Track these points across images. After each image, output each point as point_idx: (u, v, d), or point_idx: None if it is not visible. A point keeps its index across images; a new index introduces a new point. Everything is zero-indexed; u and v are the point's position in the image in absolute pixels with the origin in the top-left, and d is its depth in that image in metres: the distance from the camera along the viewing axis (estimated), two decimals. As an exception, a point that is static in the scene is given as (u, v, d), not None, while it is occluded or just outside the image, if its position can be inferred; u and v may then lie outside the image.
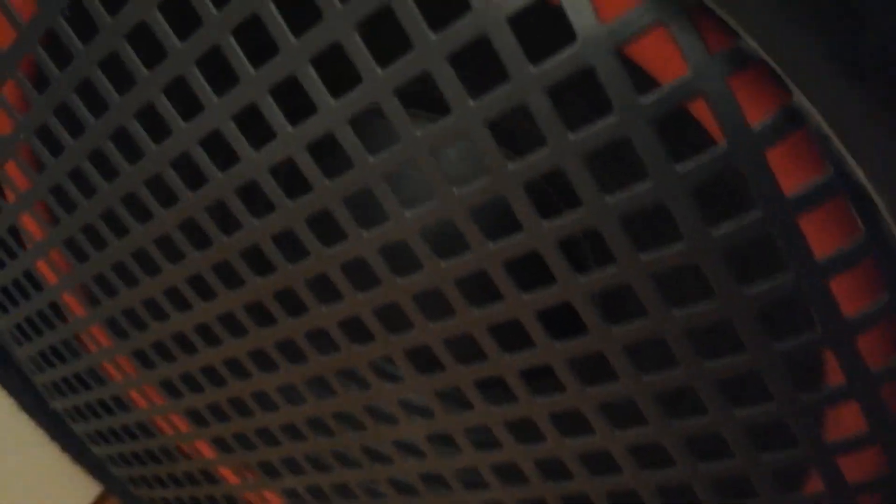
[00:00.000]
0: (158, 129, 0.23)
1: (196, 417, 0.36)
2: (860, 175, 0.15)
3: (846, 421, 0.20)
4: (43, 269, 0.34)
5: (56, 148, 0.27)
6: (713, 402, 0.20)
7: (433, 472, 0.28)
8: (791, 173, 0.16)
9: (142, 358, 0.35)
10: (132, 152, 0.24)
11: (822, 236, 0.17)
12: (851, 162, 0.15)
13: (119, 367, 0.37)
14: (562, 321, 0.21)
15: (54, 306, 0.36)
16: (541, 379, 0.23)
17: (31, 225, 0.33)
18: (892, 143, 0.14)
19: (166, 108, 0.22)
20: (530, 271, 0.20)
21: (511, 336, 0.21)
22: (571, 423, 0.23)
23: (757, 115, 0.15)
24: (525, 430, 0.24)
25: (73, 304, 0.35)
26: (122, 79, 0.22)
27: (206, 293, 0.27)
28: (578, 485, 0.24)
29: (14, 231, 0.34)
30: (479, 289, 0.21)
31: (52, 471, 0.54)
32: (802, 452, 0.20)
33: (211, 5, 0.19)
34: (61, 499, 0.57)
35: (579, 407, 0.22)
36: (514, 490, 0.26)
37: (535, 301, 0.20)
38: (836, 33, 0.13)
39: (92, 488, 0.60)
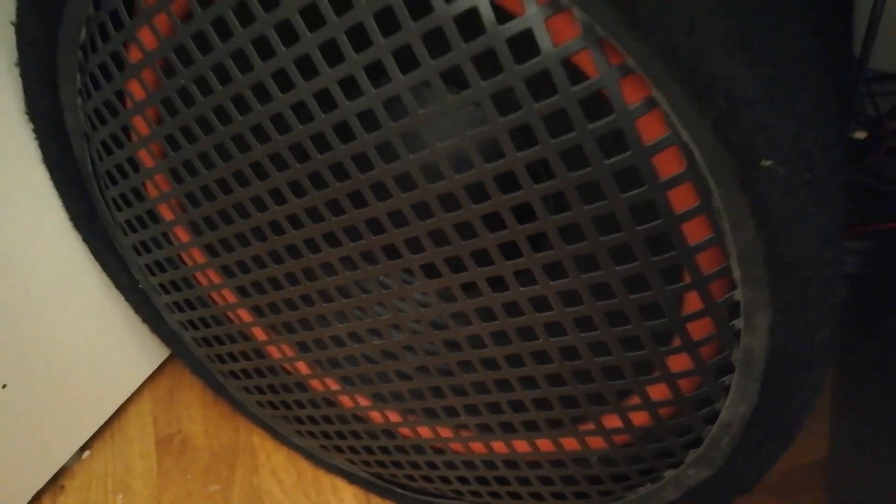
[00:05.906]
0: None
1: (242, 292, 0.49)
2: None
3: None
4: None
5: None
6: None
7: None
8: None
9: (210, 250, 0.47)
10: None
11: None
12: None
13: (192, 258, 0.49)
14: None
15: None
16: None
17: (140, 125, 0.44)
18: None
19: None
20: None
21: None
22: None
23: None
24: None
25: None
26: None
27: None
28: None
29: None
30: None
31: (125, 335, 0.67)
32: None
33: None
34: (133, 361, 0.70)
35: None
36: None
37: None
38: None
39: (160, 353, 0.73)
